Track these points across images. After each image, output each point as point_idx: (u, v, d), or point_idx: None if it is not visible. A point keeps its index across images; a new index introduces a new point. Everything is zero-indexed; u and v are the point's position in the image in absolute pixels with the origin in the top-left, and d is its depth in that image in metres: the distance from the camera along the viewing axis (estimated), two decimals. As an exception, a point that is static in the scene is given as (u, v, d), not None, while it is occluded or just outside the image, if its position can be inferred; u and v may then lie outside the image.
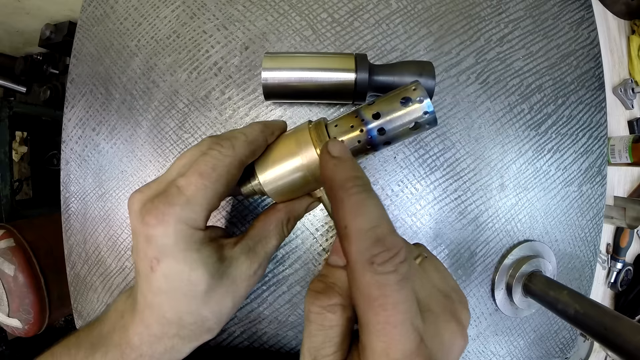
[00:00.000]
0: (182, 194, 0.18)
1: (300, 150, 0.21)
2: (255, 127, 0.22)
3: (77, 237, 0.37)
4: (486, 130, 0.35)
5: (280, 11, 0.35)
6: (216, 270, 0.20)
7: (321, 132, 0.21)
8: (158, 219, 0.18)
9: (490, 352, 0.36)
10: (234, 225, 0.34)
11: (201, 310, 0.20)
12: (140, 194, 0.19)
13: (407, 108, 0.20)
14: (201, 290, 0.19)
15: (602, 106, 0.38)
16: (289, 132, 0.23)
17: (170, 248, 0.18)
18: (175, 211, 0.18)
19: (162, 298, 0.19)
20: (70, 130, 0.37)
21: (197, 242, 0.19)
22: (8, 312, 0.79)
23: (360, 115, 0.21)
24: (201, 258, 0.19)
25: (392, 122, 0.21)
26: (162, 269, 0.18)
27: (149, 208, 0.18)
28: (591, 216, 0.38)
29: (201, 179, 0.19)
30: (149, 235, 0.18)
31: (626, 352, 0.24)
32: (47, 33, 1.26)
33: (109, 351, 0.21)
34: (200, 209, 0.19)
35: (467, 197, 0.35)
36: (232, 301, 0.21)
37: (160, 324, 0.20)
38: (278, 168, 0.22)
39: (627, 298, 0.71)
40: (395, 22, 0.35)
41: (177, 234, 0.18)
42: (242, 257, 0.22)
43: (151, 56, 0.36)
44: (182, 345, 0.21)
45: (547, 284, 0.32)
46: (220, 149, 0.20)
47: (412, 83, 0.21)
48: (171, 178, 0.19)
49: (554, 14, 0.38)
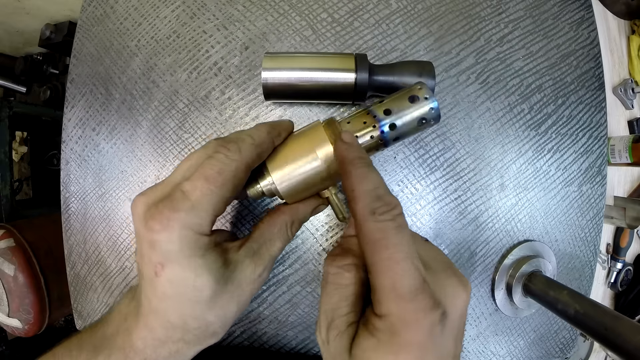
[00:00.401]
0: (187, 198, 0.18)
1: (316, 147, 0.22)
2: (262, 129, 0.22)
3: (77, 237, 0.37)
4: (486, 130, 0.35)
5: (280, 11, 0.35)
6: (221, 275, 0.19)
7: (335, 129, 0.22)
8: (162, 224, 0.18)
9: (490, 352, 0.36)
10: (233, 226, 0.34)
11: (206, 315, 0.20)
12: (144, 197, 0.19)
13: (416, 105, 0.22)
14: (206, 295, 0.19)
15: (602, 106, 0.38)
16: (298, 132, 0.24)
17: (175, 254, 0.18)
18: (180, 217, 0.18)
19: (167, 303, 0.19)
20: (70, 130, 0.37)
21: (202, 247, 0.19)
22: (8, 312, 0.79)
23: (372, 112, 0.23)
24: (206, 264, 0.19)
25: (402, 118, 0.22)
26: (166, 274, 0.18)
27: (153, 213, 0.18)
28: (591, 216, 0.38)
29: (207, 184, 0.18)
30: (153, 241, 0.18)
31: (626, 352, 0.24)
32: (47, 33, 1.25)
33: (112, 354, 0.20)
34: (206, 215, 0.18)
35: (467, 197, 0.35)
36: (237, 305, 0.21)
37: (164, 329, 0.20)
38: (293, 167, 0.22)
39: (627, 298, 0.71)
40: (395, 22, 0.35)
41: (181, 240, 0.18)
42: (247, 261, 0.21)
43: (151, 56, 0.36)
44: (186, 350, 0.21)
45: (547, 284, 0.32)
46: (226, 152, 0.19)
47: (417, 83, 0.23)
48: (176, 181, 0.19)
49: (554, 14, 0.38)
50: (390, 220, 0.17)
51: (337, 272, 0.19)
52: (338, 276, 0.19)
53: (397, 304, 0.16)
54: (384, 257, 0.16)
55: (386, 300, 0.16)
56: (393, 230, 0.17)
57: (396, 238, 0.16)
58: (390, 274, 0.16)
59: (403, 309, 0.16)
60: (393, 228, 0.17)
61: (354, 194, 0.18)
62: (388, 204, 0.17)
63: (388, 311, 0.16)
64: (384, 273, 0.16)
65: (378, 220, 0.17)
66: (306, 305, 0.33)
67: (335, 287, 0.19)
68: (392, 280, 0.16)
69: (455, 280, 0.19)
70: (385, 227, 0.17)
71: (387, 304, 0.16)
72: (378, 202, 0.17)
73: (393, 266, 0.16)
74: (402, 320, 0.16)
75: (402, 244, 0.16)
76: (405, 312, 0.16)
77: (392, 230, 0.17)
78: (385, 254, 0.16)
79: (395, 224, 0.17)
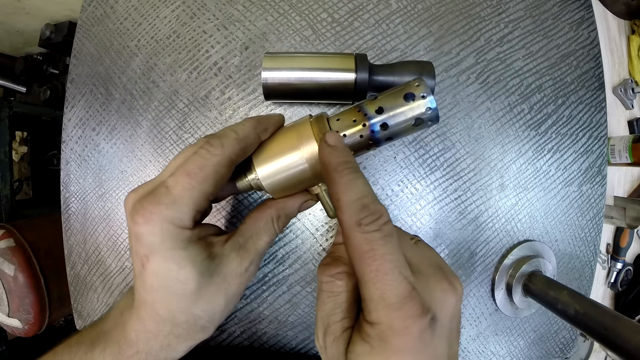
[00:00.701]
0: (169, 193, 0.19)
1: (301, 144, 0.21)
2: (247, 124, 0.22)
3: (77, 237, 0.37)
4: (486, 130, 0.35)
5: (280, 11, 0.35)
6: (205, 268, 0.20)
7: (323, 126, 0.21)
8: (145, 217, 0.18)
9: (490, 352, 0.36)
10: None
11: (192, 308, 0.20)
12: (134, 194, 0.20)
13: (411, 104, 0.20)
14: (191, 288, 0.19)
15: (602, 106, 0.38)
16: (288, 126, 0.23)
17: (157, 246, 0.19)
18: (161, 210, 0.18)
19: (154, 296, 0.20)
20: (70, 130, 0.37)
21: (185, 240, 0.19)
22: (8, 312, 0.79)
23: (363, 109, 0.21)
24: (189, 256, 0.19)
25: (395, 117, 0.21)
26: (151, 266, 0.19)
27: (138, 208, 0.19)
28: (591, 216, 0.38)
29: (188, 179, 0.19)
30: (138, 234, 0.19)
31: (626, 352, 0.24)
32: (47, 33, 1.25)
33: (108, 347, 0.21)
34: (187, 209, 0.19)
35: (467, 197, 0.35)
36: (224, 299, 0.21)
37: (154, 322, 0.20)
38: (277, 162, 0.21)
39: (627, 298, 0.71)
40: (395, 22, 0.35)
41: (163, 233, 0.19)
42: (233, 254, 0.22)
43: (151, 56, 0.36)
44: (176, 344, 0.21)
45: (547, 284, 0.32)
46: (209, 147, 0.20)
47: (416, 79, 0.21)
48: (163, 178, 0.20)
49: (554, 14, 0.38)
50: (377, 231, 0.17)
51: (329, 281, 0.20)
52: (330, 285, 0.20)
53: (386, 313, 0.16)
54: (372, 268, 0.16)
55: (375, 309, 0.16)
56: (380, 240, 0.16)
57: (383, 248, 0.16)
58: (378, 285, 0.16)
59: (392, 318, 0.16)
60: (380, 238, 0.16)
61: (339, 203, 0.18)
62: (374, 213, 0.17)
63: (378, 320, 0.16)
64: (372, 284, 0.16)
65: (364, 231, 0.17)
66: (306, 305, 0.33)
67: (328, 295, 0.20)
68: (380, 291, 0.16)
69: (445, 283, 0.19)
70: (372, 237, 0.16)
71: (376, 313, 0.16)
72: (364, 212, 0.17)
73: (381, 277, 0.16)
74: (391, 328, 0.16)
75: (390, 253, 0.16)
76: (394, 320, 0.16)
77: (379, 240, 0.16)
78: (373, 265, 0.16)
79: (382, 234, 0.17)
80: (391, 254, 0.16)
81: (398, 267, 0.16)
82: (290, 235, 0.33)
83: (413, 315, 0.16)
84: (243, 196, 0.33)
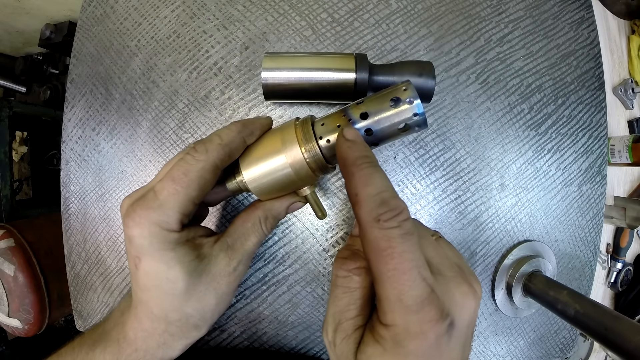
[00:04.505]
0: (156, 198, 0.20)
1: (285, 149, 0.21)
2: (233, 129, 0.22)
3: (77, 237, 0.37)
4: (486, 130, 0.35)
5: (280, 11, 0.35)
6: (194, 268, 0.21)
7: (307, 131, 0.21)
8: (135, 221, 0.20)
9: (490, 352, 0.36)
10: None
11: (183, 307, 0.21)
12: (128, 199, 0.21)
13: (397, 109, 0.19)
14: (181, 287, 0.20)
15: (602, 106, 0.38)
16: (275, 129, 0.23)
17: (147, 248, 0.20)
18: (149, 214, 0.19)
19: (148, 295, 0.21)
20: (70, 130, 0.37)
21: (172, 242, 0.20)
22: (8, 312, 0.79)
23: (347, 114, 0.20)
24: (177, 257, 0.20)
25: (380, 122, 0.20)
26: (143, 267, 0.20)
27: (130, 212, 0.20)
28: (591, 216, 0.38)
29: (173, 184, 0.20)
30: (130, 236, 0.20)
31: (626, 352, 0.24)
32: (47, 33, 1.25)
33: (108, 346, 0.22)
34: (173, 212, 0.20)
35: (467, 197, 0.35)
36: (214, 298, 0.22)
37: (150, 320, 0.21)
38: (262, 165, 0.22)
39: (627, 298, 0.71)
40: (395, 22, 0.35)
41: (152, 235, 0.19)
42: (221, 255, 0.23)
43: (151, 56, 0.36)
44: (172, 342, 0.22)
45: (547, 284, 0.32)
46: (194, 153, 0.21)
47: (403, 83, 0.20)
48: (153, 183, 0.21)
49: (554, 14, 0.38)
50: (396, 228, 0.16)
51: (347, 276, 0.19)
52: (347, 280, 0.19)
53: (403, 316, 0.15)
54: (390, 267, 0.15)
55: (391, 310, 0.16)
56: (399, 238, 0.16)
57: (403, 246, 0.16)
58: (396, 285, 0.15)
59: (408, 321, 0.15)
60: (399, 236, 0.16)
61: (357, 198, 0.17)
62: (394, 209, 0.16)
63: (393, 322, 0.16)
64: (389, 284, 0.15)
65: (383, 227, 0.16)
66: (306, 305, 0.33)
67: (344, 291, 0.19)
68: (397, 292, 0.15)
69: (465, 287, 0.18)
70: (391, 234, 0.16)
71: (392, 315, 0.16)
72: (383, 207, 0.16)
73: (399, 277, 0.15)
74: (407, 332, 0.15)
75: (409, 252, 0.16)
76: (411, 323, 0.15)
77: (398, 238, 0.16)
78: (391, 264, 0.15)
79: (402, 231, 0.16)
80: (411, 253, 0.16)
81: (417, 267, 0.16)
82: (290, 235, 0.33)
83: (431, 319, 0.15)
84: (238, 199, 0.33)
